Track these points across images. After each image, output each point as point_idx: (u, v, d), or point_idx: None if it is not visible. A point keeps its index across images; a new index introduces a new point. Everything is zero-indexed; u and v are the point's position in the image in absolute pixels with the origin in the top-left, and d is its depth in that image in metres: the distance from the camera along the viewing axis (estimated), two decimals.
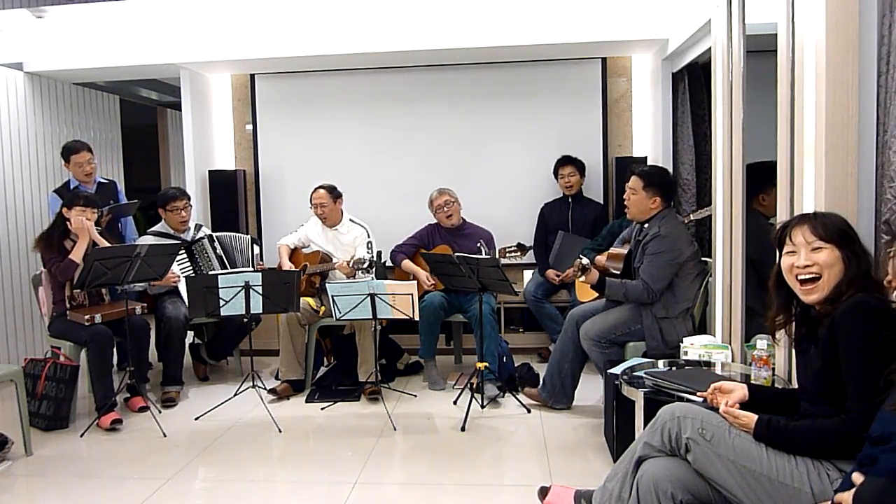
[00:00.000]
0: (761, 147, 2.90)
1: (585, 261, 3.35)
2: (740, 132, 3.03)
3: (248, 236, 4.58)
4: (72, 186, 4.43)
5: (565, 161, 4.71)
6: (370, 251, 4.24)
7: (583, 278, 3.37)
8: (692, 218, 4.06)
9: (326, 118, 5.27)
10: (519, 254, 3.80)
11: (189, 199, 4.32)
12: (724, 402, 1.89)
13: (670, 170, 4.68)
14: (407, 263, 4.33)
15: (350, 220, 4.37)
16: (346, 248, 4.29)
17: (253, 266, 4.45)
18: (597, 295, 3.80)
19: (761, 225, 3.15)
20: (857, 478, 1.48)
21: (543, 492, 2.44)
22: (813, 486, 1.68)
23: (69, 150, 4.40)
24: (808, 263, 1.79)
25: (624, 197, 3.46)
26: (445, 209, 4.33)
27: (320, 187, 4.31)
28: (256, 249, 4.54)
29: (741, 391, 1.95)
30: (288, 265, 4.30)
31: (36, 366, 3.58)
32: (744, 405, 1.91)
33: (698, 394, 2.15)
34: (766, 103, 2.66)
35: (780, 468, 1.71)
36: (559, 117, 5.08)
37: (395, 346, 4.55)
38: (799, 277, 1.81)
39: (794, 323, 1.93)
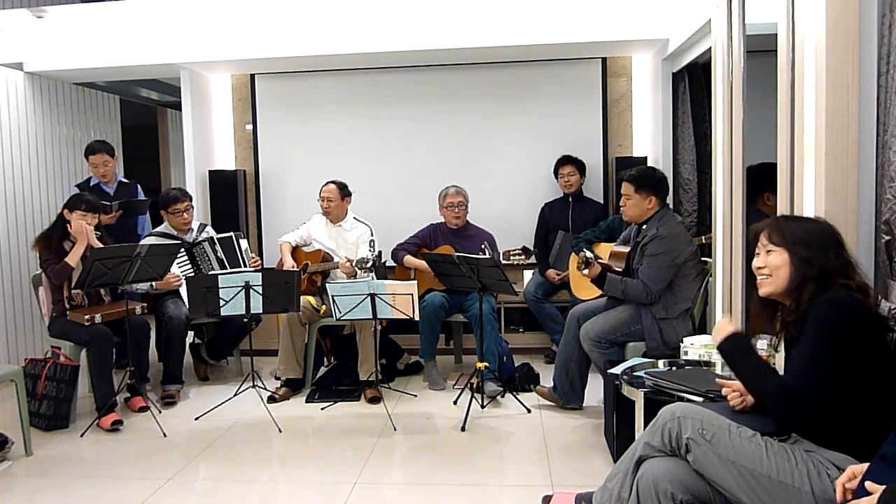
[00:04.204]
0: (761, 147, 2.90)
1: (590, 254, 3.35)
2: (740, 132, 3.03)
3: (231, 233, 4.48)
4: (92, 184, 4.45)
5: (565, 160, 4.71)
6: (372, 250, 4.24)
7: (585, 271, 3.36)
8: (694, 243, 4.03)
9: (326, 118, 5.26)
10: (523, 257, 3.80)
11: (191, 199, 4.31)
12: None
13: (670, 169, 4.70)
14: (409, 259, 4.32)
15: (354, 217, 4.38)
16: (350, 245, 4.29)
17: (247, 260, 4.42)
18: (595, 294, 3.81)
19: None
20: (872, 486, 1.43)
21: (546, 501, 2.43)
22: (813, 485, 1.67)
23: (88, 150, 4.52)
24: (760, 265, 1.91)
25: (620, 204, 3.47)
26: (456, 209, 4.33)
27: (332, 182, 4.33)
28: (245, 244, 4.49)
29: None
30: (290, 262, 4.29)
31: (36, 366, 3.58)
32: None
33: (718, 381, 2.17)
34: (766, 103, 2.66)
35: (780, 468, 1.71)
36: (559, 117, 5.08)
37: (395, 346, 4.55)
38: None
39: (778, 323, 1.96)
